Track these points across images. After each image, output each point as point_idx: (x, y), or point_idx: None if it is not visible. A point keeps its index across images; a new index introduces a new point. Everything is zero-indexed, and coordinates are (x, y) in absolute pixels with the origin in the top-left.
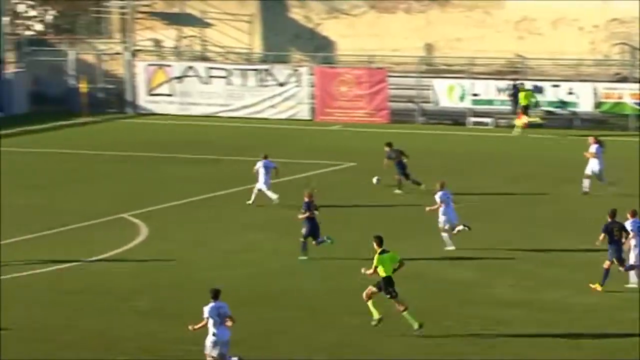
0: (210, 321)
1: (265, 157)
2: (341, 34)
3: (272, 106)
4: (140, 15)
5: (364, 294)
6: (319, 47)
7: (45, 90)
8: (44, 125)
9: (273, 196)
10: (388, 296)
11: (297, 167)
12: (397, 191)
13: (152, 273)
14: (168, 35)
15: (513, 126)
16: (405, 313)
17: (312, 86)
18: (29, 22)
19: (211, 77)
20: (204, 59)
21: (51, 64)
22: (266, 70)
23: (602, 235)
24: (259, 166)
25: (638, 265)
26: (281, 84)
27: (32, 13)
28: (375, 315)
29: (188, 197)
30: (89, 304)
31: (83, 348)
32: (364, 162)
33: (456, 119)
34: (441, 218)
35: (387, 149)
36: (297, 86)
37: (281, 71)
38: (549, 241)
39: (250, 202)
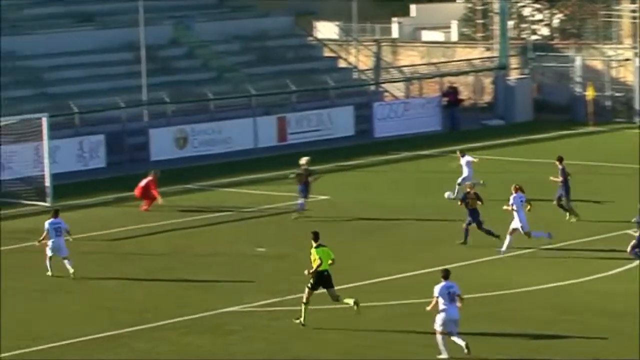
0: (440, 300)
1: (463, 154)
2: None
3: None
4: None
5: (304, 298)
6: None
7: (549, 97)
8: (545, 135)
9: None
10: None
11: None
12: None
13: None
14: None
15: None
16: (304, 307)
17: None
18: (535, 26)
19: None
20: None
21: (556, 70)
22: None
23: None
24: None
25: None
26: None
27: (538, 17)
28: (303, 318)
29: None
30: (582, 323)
31: None
32: None
33: None
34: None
35: (558, 164)
36: None
37: None
38: None
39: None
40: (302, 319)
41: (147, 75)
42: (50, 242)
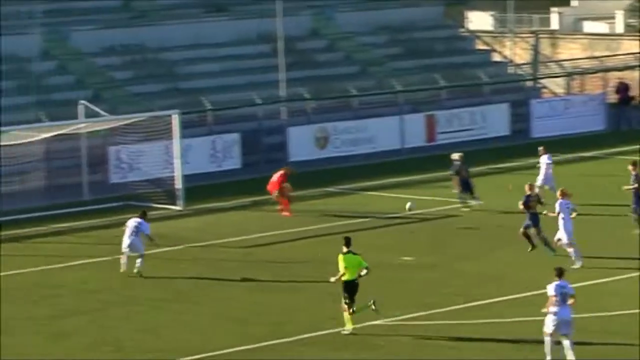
0: (553, 300)
1: (545, 151)
2: None
3: None
4: None
5: (346, 313)
6: None
7: None
8: None
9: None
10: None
11: None
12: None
13: None
14: None
15: None
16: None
17: None
18: None
19: None
20: None
21: None
22: None
23: None
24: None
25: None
26: None
27: None
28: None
29: None
30: None
31: None
32: None
33: None
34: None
35: (632, 169)
36: None
37: None
38: None
39: None
40: (348, 326)
41: (285, 70)
42: (127, 240)
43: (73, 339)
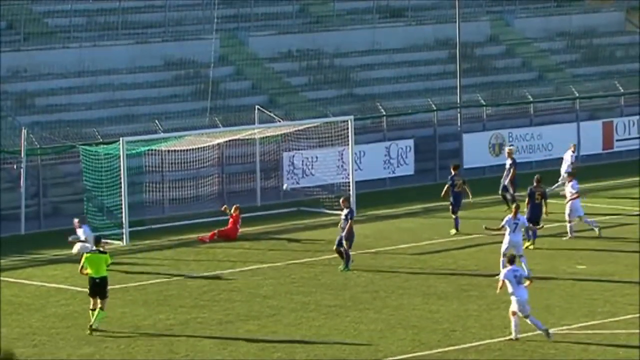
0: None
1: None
2: None
3: None
4: None
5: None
6: None
7: None
8: None
9: None
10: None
11: None
12: None
13: None
14: None
15: None
16: (95, 311)
17: None
18: None
19: None
20: None
21: None
22: None
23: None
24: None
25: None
26: None
27: None
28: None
29: None
30: None
31: None
32: None
33: None
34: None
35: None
36: None
37: None
38: None
39: None
40: (95, 324)
41: (461, 76)
42: None
43: (247, 344)
